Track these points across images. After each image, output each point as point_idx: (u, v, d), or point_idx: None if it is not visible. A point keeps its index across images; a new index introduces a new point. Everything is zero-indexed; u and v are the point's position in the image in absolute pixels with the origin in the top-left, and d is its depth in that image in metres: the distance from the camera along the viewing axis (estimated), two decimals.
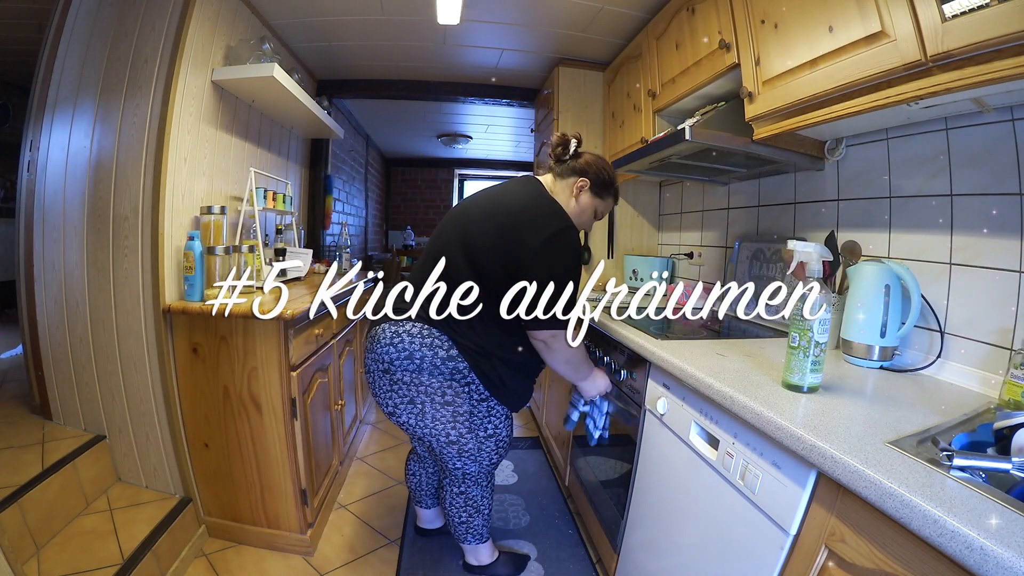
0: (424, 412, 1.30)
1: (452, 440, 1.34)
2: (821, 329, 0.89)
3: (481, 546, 1.56)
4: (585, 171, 1.37)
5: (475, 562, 1.58)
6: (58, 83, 1.68)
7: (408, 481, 1.72)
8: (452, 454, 1.37)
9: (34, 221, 1.72)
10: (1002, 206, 1.00)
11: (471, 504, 1.47)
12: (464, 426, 1.32)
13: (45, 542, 1.36)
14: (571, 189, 1.38)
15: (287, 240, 2.35)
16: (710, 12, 1.53)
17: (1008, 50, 0.74)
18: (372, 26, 2.33)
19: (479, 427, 1.34)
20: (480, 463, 1.41)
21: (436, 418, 1.30)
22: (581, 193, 1.38)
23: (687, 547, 1.08)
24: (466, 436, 1.34)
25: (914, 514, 0.56)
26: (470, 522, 1.49)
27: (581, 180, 1.37)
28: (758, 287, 1.78)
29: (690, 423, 1.08)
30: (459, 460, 1.38)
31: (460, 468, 1.41)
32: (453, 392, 1.29)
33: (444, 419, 1.30)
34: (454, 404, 1.30)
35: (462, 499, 1.47)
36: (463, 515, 1.48)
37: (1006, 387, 0.91)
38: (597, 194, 1.39)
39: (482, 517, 1.50)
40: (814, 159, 1.46)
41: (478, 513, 1.49)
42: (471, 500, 1.47)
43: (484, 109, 3.79)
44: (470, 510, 1.48)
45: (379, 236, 5.69)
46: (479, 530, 1.52)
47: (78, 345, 1.70)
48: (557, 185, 1.40)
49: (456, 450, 1.36)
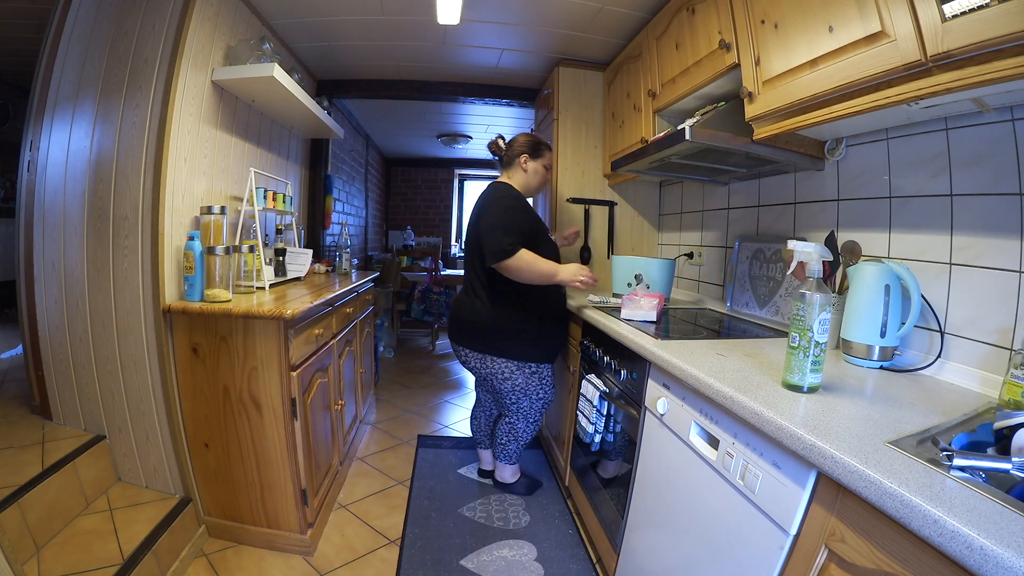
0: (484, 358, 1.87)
1: (506, 377, 1.85)
2: (821, 329, 0.89)
3: (509, 467, 2.05)
4: (521, 149, 1.89)
5: (500, 479, 2.07)
6: (58, 83, 1.68)
7: (471, 426, 2.21)
8: (508, 388, 1.86)
9: (34, 221, 1.72)
10: (1002, 206, 1.00)
11: (514, 432, 1.93)
12: (515, 365, 1.85)
13: (45, 542, 1.36)
14: (520, 168, 1.89)
15: (287, 240, 2.35)
16: (710, 12, 1.53)
17: (1008, 50, 0.74)
18: (372, 26, 2.33)
19: (525, 367, 1.86)
20: (531, 398, 1.87)
21: (495, 362, 1.86)
22: (528, 163, 1.89)
23: (687, 547, 1.08)
24: (516, 374, 1.85)
25: (914, 514, 0.56)
26: (507, 446, 1.97)
27: (522, 156, 1.88)
28: (758, 287, 1.78)
29: (690, 423, 1.08)
30: (515, 395, 1.87)
31: (515, 403, 1.88)
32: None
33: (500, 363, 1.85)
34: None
35: (508, 427, 1.94)
36: (504, 439, 1.96)
37: (1006, 387, 0.91)
38: (535, 156, 1.89)
39: (517, 444, 1.97)
40: (814, 159, 1.46)
41: (515, 441, 1.95)
42: (515, 430, 1.93)
43: (484, 109, 3.80)
44: (511, 436, 1.94)
45: (379, 236, 5.69)
46: (512, 454, 1.99)
47: (78, 345, 1.70)
48: (510, 174, 1.91)
49: (511, 386, 1.86)
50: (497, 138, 1.94)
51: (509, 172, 1.92)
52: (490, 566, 1.62)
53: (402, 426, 2.79)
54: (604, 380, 1.59)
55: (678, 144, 1.46)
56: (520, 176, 1.90)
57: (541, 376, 1.89)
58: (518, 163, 1.89)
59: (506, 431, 1.94)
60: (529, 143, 1.90)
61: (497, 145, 1.94)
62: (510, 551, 1.70)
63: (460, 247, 6.49)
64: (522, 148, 1.89)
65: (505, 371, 1.84)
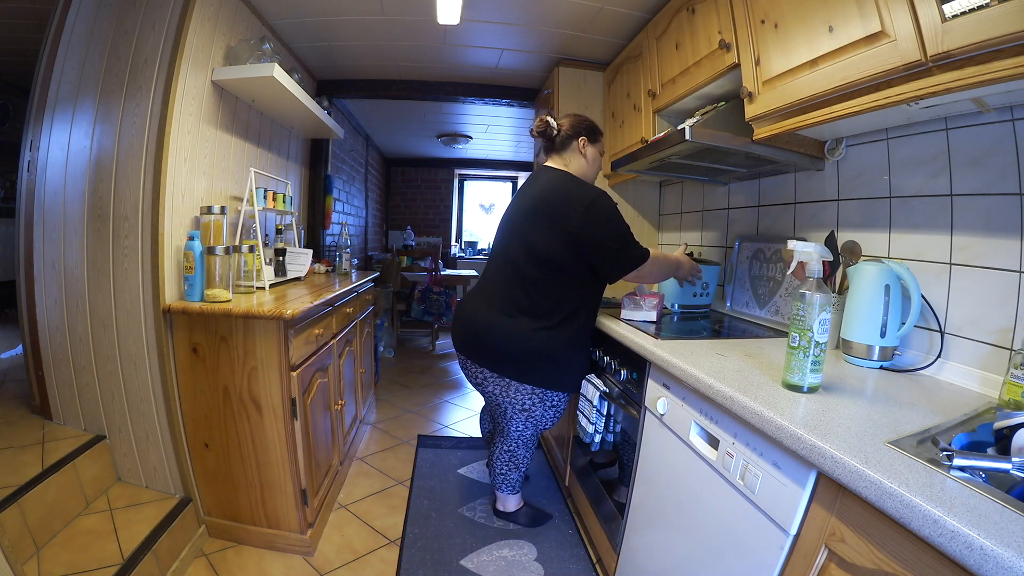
0: (509, 385, 1.60)
1: (525, 408, 1.63)
2: (821, 329, 0.89)
3: (511, 496, 1.86)
4: (578, 130, 1.60)
5: (502, 508, 1.87)
6: (58, 83, 1.68)
7: (481, 427, 2.09)
8: (521, 419, 1.66)
9: (34, 221, 1.72)
10: (1002, 206, 1.00)
11: (514, 461, 1.76)
12: (538, 397, 1.61)
13: (45, 542, 1.36)
14: (578, 152, 1.60)
15: (287, 240, 2.35)
16: (710, 12, 1.53)
17: (1008, 50, 0.74)
18: (372, 26, 2.33)
19: (548, 399, 1.63)
20: (537, 427, 1.70)
21: (519, 390, 1.59)
22: (586, 148, 1.60)
23: (687, 547, 1.08)
24: (537, 406, 1.63)
25: (914, 514, 0.56)
26: (508, 475, 1.79)
27: (580, 139, 1.59)
28: (758, 287, 1.78)
29: (690, 423, 1.08)
30: (524, 424, 1.67)
31: (520, 432, 1.70)
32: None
33: (524, 392, 1.60)
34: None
35: (507, 455, 1.75)
36: (505, 468, 1.78)
37: (1006, 387, 0.91)
38: (593, 141, 1.62)
39: (518, 472, 1.79)
40: (814, 159, 1.47)
41: (516, 469, 1.78)
42: (515, 458, 1.75)
43: (484, 109, 3.79)
44: (511, 465, 1.77)
45: (379, 236, 5.69)
46: (513, 483, 1.81)
47: (78, 345, 1.70)
48: (566, 159, 1.61)
49: (525, 416, 1.65)
50: (546, 116, 1.61)
51: (564, 158, 1.60)
52: (490, 566, 1.62)
53: (402, 426, 2.79)
54: (604, 380, 1.59)
55: (678, 144, 1.46)
56: (578, 162, 1.59)
57: (558, 409, 1.67)
58: (575, 147, 1.58)
59: (506, 460, 1.75)
60: (588, 124, 1.61)
61: (547, 124, 1.59)
62: (510, 551, 1.70)
63: (460, 247, 6.49)
64: (580, 128, 1.58)
65: (527, 402, 1.61)
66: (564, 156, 1.60)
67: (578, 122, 1.60)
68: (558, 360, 1.55)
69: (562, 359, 1.55)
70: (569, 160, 1.60)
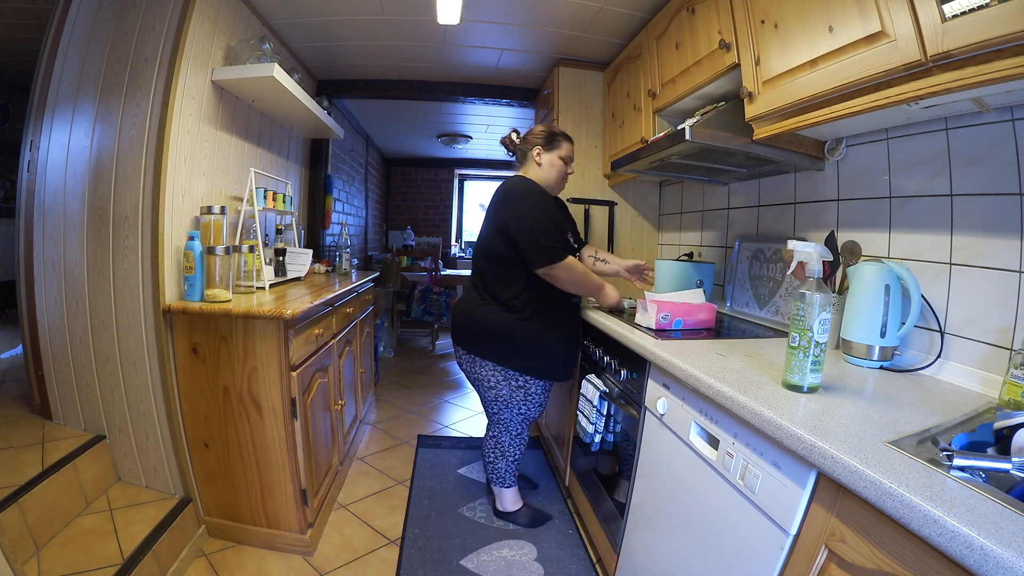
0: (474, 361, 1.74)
1: (492, 386, 1.73)
2: (821, 329, 0.89)
3: (505, 491, 1.87)
4: (533, 142, 1.76)
5: (502, 508, 1.89)
6: (58, 83, 1.68)
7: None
8: (492, 398, 1.75)
9: (34, 221, 1.72)
10: (1002, 206, 1.00)
11: (500, 447, 1.82)
12: (501, 375, 1.70)
13: (45, 542, 1.36)
14: (533, 161, 1.77)
15: (287, 240, 2.35)
16: (710, 12, 1.53)
17: (1008, 50, 0.74)
18: (372, 26, 2.33)
19: (512, 379, 1.71)
20: (513, 412, 1.75)
21: (483, 366, 1.72)
22: (541, 156, 1.75)
23: (687, 547, 1.08)
24: (503, 384, 1.71)
25: (914, 514, 0.56)
26: (495, 463, 1.84)
27: (535, 149, 1.76)
28: (758, 287, 1.78)
29: (690, 423, 1.08)
30: (500, 407, 1.75)
31: (498, 415, 1.78)
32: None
33: (487, 368, 1.72)
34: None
35: (493, 442, 1.83)
36: (491, 456, 1.84)
37: (1006, 387, 0.91)
38: (550, 148, 1.75)
39: (506, 462, 1.83)
40: (814, 159, 1.47)
41: (503, 457, 1.82)
42: (500, 444, 1.81)
43: (484, 109, 3.79)
44: (498, 452, 1.82)
45: (379, 236, 5.69)
46: (502, 473, 1.85)
47: (78, 345, 1.70)
48: (526, 167, 1.80)
49: (494, 395, 1.74)
50: (511, 132, 1.84)
51: (524, 167, 1.80)
52: (490, 566, 1.62)
53: (402, 426, 2.79)
54: (604, 380, 1.59)
55: (678, 144, 1.46)
56: (534, 170, 1.76)
57: (527, 391, 1.73)
58: (531, 156, 1.76)
59: (492, 446, 1.83)
60: (543, 133, 1.76)
61: (510, 139, 1.83)
62: (510, 551, 1.70)
63: (460, 247, 6.49)
64: (535, 140, 1.75)
65: (491, 379, 1.71)
66: (524, 165, 1.81)
67: (534, 134, 1.78)
68: (517, 343, 1.65)
69: (522, 343, 1.65)
70: (528, 168, 1.79)
